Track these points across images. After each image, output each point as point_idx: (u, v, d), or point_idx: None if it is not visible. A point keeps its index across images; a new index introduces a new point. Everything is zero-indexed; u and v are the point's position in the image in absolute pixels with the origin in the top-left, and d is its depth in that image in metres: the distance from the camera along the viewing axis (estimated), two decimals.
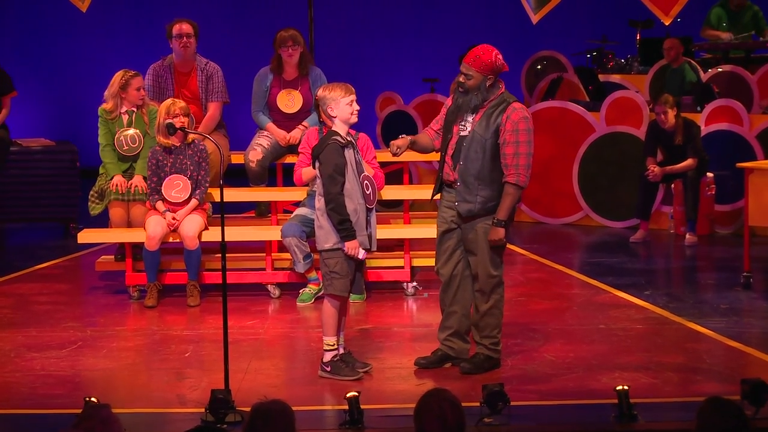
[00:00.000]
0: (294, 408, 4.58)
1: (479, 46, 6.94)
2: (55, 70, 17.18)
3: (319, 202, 6.87)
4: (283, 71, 9.60)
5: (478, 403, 5.93)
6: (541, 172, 12.10)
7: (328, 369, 6.92)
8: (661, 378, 6.88)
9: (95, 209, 9.27)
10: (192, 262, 8.92)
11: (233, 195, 9.35)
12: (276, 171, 9.84)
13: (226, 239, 6.52)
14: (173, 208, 8.91)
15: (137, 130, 9.28)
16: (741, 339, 7.72)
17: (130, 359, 7.54)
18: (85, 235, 9.32)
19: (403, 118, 13.64)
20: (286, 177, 9.56)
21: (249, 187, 9.67)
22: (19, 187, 11.98)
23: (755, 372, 6.78)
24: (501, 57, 6.88)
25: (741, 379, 6.00)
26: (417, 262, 9.32)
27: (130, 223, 9.17)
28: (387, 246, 9.36)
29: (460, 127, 6.97)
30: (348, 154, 6.83)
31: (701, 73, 13.25)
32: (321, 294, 8.11)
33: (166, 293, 9.15)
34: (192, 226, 8.85)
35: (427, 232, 8.65)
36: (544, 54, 14.65)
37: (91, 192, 9.31)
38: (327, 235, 6.84)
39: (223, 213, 6.52)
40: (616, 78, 14.09)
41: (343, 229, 6.78)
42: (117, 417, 4.45)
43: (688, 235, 11.37)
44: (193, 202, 8.93)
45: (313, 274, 8.93)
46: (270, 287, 9.25)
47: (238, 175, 9.82)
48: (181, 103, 8.87)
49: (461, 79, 6.92)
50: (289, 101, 9.60)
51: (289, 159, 9.53)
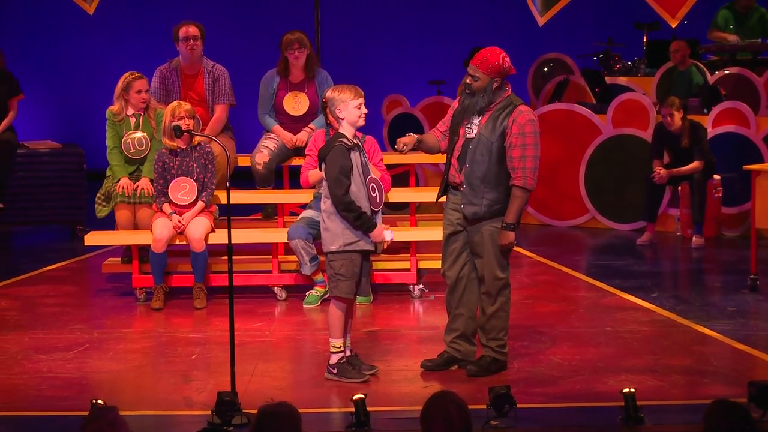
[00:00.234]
0: (300, 410, 4.58)
1: (487, 48, 6.92)
2: (62, 73, 17.19)
3: (325, 204, 6.86)
4: (289, 74, 9.60)
5: (484, 406, 5.92)
6: (547, 175, 12.09)
7: (335, 371, 6.91)
8: (668, 380, 6.86)
9: (102, 212, 9.28)
10: (198, 265, 8.92)
11: (240, 197, 9.35)
12: (282, 173, 9.83)
13: (232, 241, 6.50)
14: (180, 210, 8.90)
15: (144, 133, 9.27)
16: (748, 342, 7.70)
17: (137, 361, 7.53)
18: (92, 238, 9.31)
19: (410, 120, 13.63)
20: (293, 179, 9.55)
21: (255, 190, 9.66)
22: (26, 189, 11.99)
23: (762, 374, 6.77)
24: (508, 60, 6.87)
25: (748, 382, 5.98)
26: (423, 265, 9.33)
27: (136, 226, 9.17)
28: (393, 248, 9.34)
29: (467, 129, 6.96)
30: (354, 157, 6.81)
31: (708, 75, 13.23)
32: (327, 296, 8.14)
33: (173, 295, 9.15)
34: (198, 229, 8.84)
35: (434, 234, 8.63)
36: (550, 56, 14.64)
37: (97, 194, 9.31)
38: (333, 237, 6.82)
39: (229, 215, 6.50)
40: (622, 80, 14.07)
41: (362, 223, 6.77)
42: (124, 419, 4.45)
43: (694, 238, 11.36)
44: (200, 205, 8.92)
45: (319, 277, 8.93)
46: (276, 289, 9.25)
47: (244, 178, 9.81)
48: (186, 106, 8.86)
49: (468, 81, 6.90)
50: (295, 104, 9.59)
51: (296, 161, 9.52)
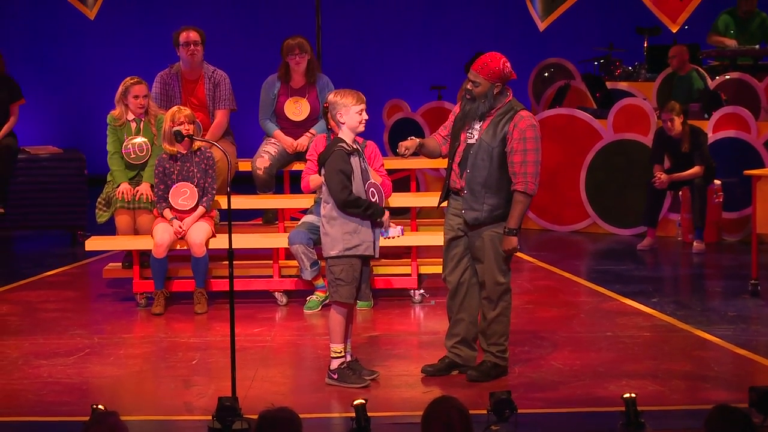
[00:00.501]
0: (301, 415, 4.58)
1: (487, 54, 6.92)
2: (63, 78, 17.18)
3: (325, 209, 6.86)
4: (290, 79, 9.59)
5: (485, 411, 5.89)
6: (548, 180, 12.09)
7: (335, 376, 6.90)
8: (669, 386, 6.85)
9: (102, 217, 9.27)
10: (199, 270, 8.92)
11: (240, 202, 9.34)
12: (283, 178, 9.82)
13: (233, 246, 6.50)
14: (180, 215, 8.90)
15: (145, 139, 9.27)
16: (749, 347, 7.69)
17: (138, 366, 7.52)
18: (93, 243, 9.30)
19: (411, 125, 13.62)
20: (294, 184, 9.54)
21: (256, 195, 9.65)
22: (26, 194, 11.97)
23: (763, 380, 6.78)
24: (509, 65, 6.87)
25: (749, 387, 5.95)
26: (424, 270, 9.31)
27: (136, 231, 9.16)
28: (394, 253, 9.37)
29: (468, 134, 6.95)
30: (354, 162, 6.81)
31: (709, 80, 13.24)
32: (328, 301, 8.14)
33: (174, 300, 9.15)
34: (199, 234, 8.84)
35: (434, 239, 8.61)
36: (551, 61, 14.65)
37: (98, 199, 9.30)
38: (333, 242, 6.82)
39: (230, 220, 6.50)
40: (623, 85, 14.07)
41: (372, 212, 6.78)
42: (124, 424, 4.44)
43: (695, 243, 11.34)
44: (200, 210, 8.92)
45: (320, 282, 8.92)
46: (277, 294, 9.24)
47: (245, 183, 9.80)
48: (186, 111, 8.85)
49: (469, 86, 6.90)
50: (296, 109, 9.58)
51: (297, 166, 9.52)
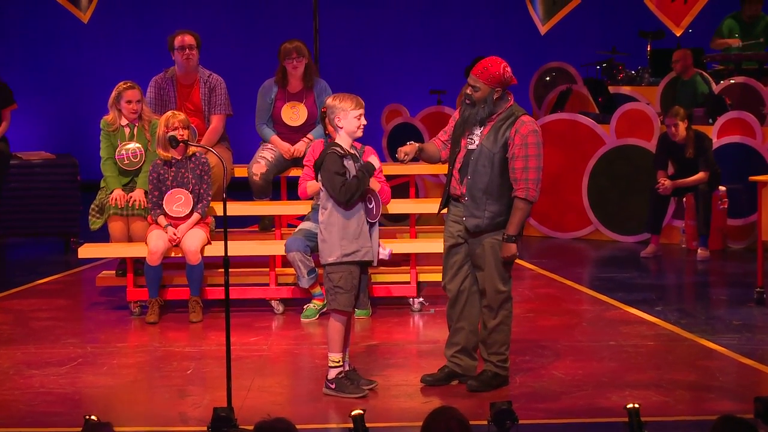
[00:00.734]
0: (298, 426, 4.59)
1: (487, 58, 6.89)
2: (56, 83, 17.23)
3: (322, 216, 6.80)
4: (287, 83, 9.53)
5: (485, 422, 5.81)
6: (550, 186, 12.04)
7: (333, 386, 6.85)
8: (673, 396, 6.81)
9: (95, 224, 9.20)
10: (194, 278, 8.86)
11: (236, 209, 9.28)
12: (280, 184, 9.81)
13: (229, 254, 6.44)
14: (175, 222, 8.83)
15: (139, 144, 9.19)
16: (754, 356, 7.66)
17: (132, 376, 7.49)
18: (86, 250, 9.24)
19: (410, 130, 13.63)
20: (291, 191, 9.52)
21: (252, 201, 9.62)
22: (19, 201, 11.99)
23: None
24: (510, 69, 6.83)
25: (754, 398, 5.87)
26: (423, 278, 9.27)
27: (130, 238, 9.11)
28: (393, 261, 9.27)
29: (468, 140, 6.90)
30: (348, 165, 6.77)
31: (713, 84, 13.18)
32: (325, 310, 8.08)
33: (168, 309, 9.12)
34: (194, 241, 8.77)
35: (434, 246, 8.56)
36: (553, 65, 14.61)
37: (91, 206, 9.25)
38: (330, 249, 6.76)
39: (226, 227, 6.45)
40: (626, 90, 14.06)
41: (362, 177, 6.72)
42: None
43: (699, 250, 11.32)
44: (195, 217, 8.85)
45: (317, 290, 8.87)
46: (274, 303, 9.19)
47: (241, 189, 9.76)
48: (180, 116, 8.78)
49: (468, 91, 6.86)
50: (293, 114, 9.53)
51: (294, 172, 9.48)
